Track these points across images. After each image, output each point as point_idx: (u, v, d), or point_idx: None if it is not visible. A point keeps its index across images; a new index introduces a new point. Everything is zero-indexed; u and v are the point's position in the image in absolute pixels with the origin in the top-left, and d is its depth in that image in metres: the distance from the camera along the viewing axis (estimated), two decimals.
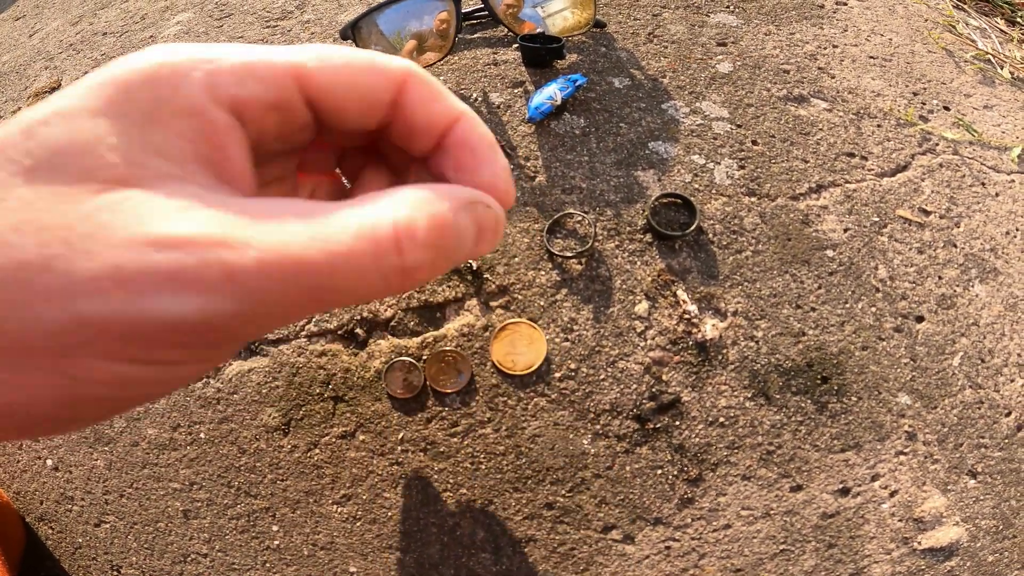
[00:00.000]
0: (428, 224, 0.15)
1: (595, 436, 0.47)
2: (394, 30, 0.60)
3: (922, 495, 0.48)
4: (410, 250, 0.15)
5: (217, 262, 0.13)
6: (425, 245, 0.15)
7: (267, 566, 0.51)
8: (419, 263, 0.15)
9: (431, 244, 0.15)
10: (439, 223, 0.15)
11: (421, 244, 0.15)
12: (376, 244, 0.14)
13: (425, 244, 0.15)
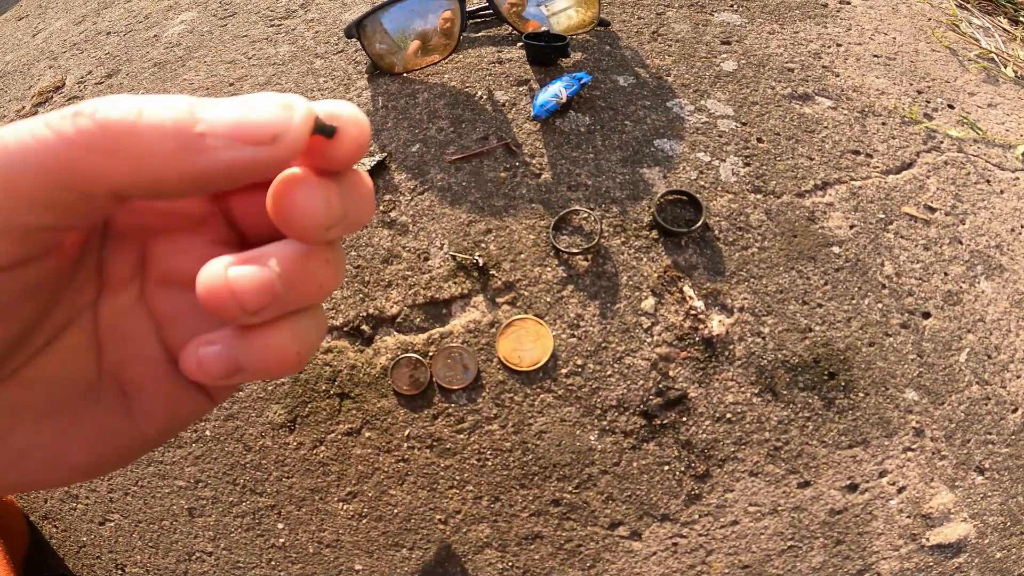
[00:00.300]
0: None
1: (602, 432, 0.48)
2: (398, 29, 0.60)
3: (930, 491, 0.48)
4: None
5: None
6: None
7: (272, 564, 0.52)
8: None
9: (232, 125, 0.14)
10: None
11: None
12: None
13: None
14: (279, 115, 0.14)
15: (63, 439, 0.17)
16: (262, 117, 0.14)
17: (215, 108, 0.14)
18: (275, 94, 0.15)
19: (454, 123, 0.57)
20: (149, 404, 0.18)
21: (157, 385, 0.18)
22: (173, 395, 0.18)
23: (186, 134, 0.13)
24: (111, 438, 0.18)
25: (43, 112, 0.67)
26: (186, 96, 0.14)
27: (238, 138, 0.14)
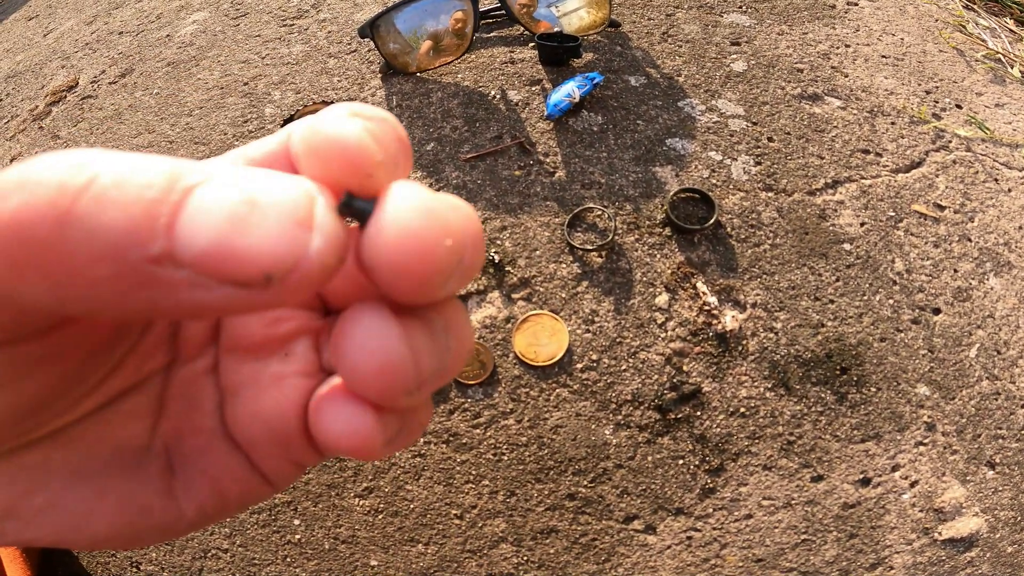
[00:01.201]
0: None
1: (617, 426, 0.49)
2: (411, 29, 0.63)
3: (942, 486, 0.49)
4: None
5: None
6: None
7: (288, 561, 0.53)
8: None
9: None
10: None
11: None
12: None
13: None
14: (283, 242, 0.10)
15: (90, 505, 0.15)
16: (253, 244, 0.10)
17: (193, 211, 0.10)
18: (295, 187, 0.11)
19: (468, 122, 0.59)
20: (195, 481, 0.16)
21: (208, 460, 0.17)
22: (223, 473, 0.17)
23: (131, 258, 0.10)
24: (143, 513, 0.16)
25: (57, 111, 0.69)
26: (166, 167, 0.10)
27: (210, 274, 0.10)
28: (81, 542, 0.15)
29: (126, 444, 0.16)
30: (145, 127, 0.64)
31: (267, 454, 0.17)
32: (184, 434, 0.17)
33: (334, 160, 0.12)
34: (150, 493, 0.16)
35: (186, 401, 0.17)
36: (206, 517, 0.17)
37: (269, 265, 0.10)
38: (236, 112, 0.63)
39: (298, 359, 0.17)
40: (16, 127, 0.69)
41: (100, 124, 0.66)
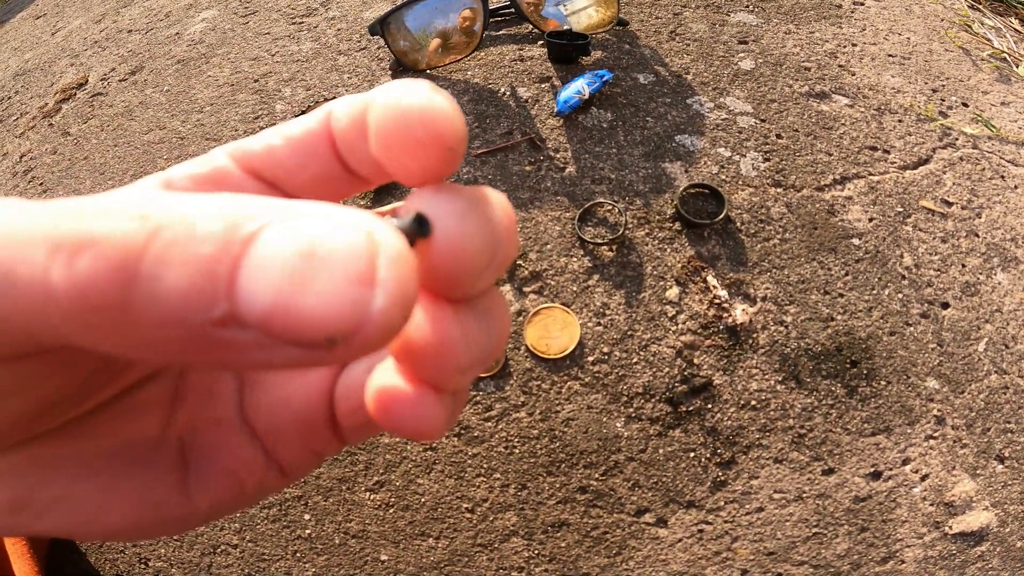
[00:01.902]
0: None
1: (628, 419, 0.50)
2: (421, 27, 0.64)
3: (952, 479, 0.50)
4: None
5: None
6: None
7: (297, 556, 0.54)
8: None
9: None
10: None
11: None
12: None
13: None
14: (344, 305, 0.09)
15: (101, 498, 0.15)
16: (314, 307, 0.09)
17: (254, 269, 0.09)
18: (355, 233, 0.10)
19: (479, 118, 0.60)
20: (210, 473, 0.16)
21: (225, 452, 0.16)
22: (240, 465, 0.16)
23: (195, 323, 0.09)
24: (155, 508, 0.16)
25: (67, 108, 0.70)
26: (226, 211, 0.10)
27: (275, 336, 0.10)
28: (94, 534, 0.15)
29: (138, 437, 0.16)
30: (156, 124, 0.66)
31: (288, 444, 0.17)
32: (199, 426, 0.16)
33: (422, 135, 0.12)
34: (163, 488, 0.16)
35: (203, 391, 0.16)
36: (219, 510, 0.16)
37: (331, 329, 0.09)
38: (247, 109, 0.64)
39: None
40: (26, 124, 0.71)
41: (111, 121, 0.67)
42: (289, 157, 0.15)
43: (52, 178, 0.66)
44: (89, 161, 0.66)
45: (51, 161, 0.68)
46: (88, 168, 0.65)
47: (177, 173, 0.15)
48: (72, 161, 0.66)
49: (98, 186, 0.64)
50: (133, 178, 0.63)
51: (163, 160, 0.64)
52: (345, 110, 0.14)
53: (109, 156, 0.65)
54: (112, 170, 0.65)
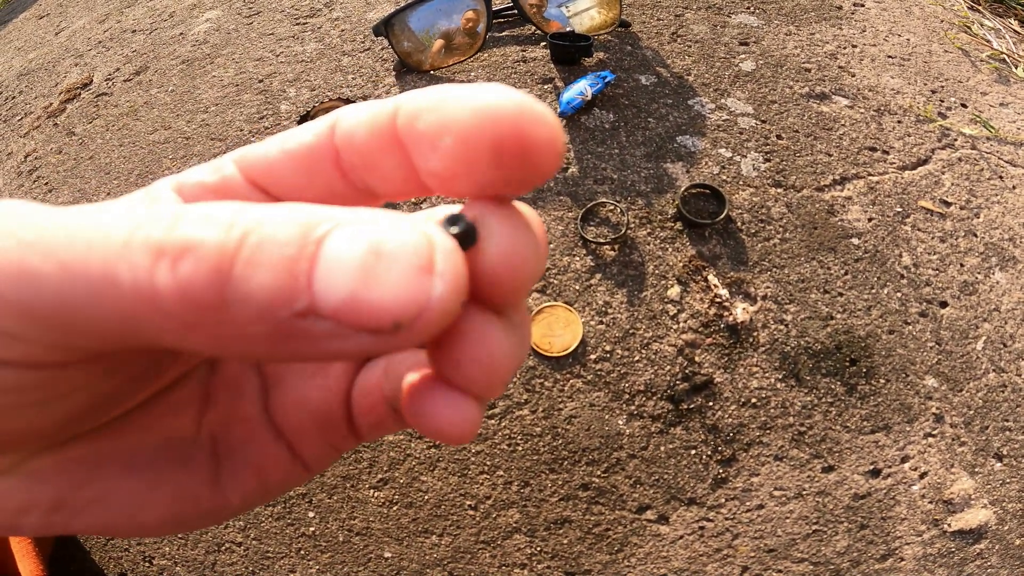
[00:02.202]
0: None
1: (630, 417, 0.51)
2: (424, 28, 0.65)
3: (951, 477, 0.51)
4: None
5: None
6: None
7: (301, 553, 0.54)
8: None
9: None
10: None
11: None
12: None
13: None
14: (409, 291, 0.11)
15: (141, 496, 0.16)
16: (384, 296, 0.11)
17: (328, 266, 0.11)
18: (414, 233, 0.11)
19: None
20: (240, 469, 0.17)
21: (252, 448, 0.17)
22: (266, 460, 0.17)
23: (281, 316, 0.11)
24: (191, 502, 0.16)
25: (72, 108, 0.71)
26: (300, 218, 0.11)
27: (348, 322, 0.11)
28: (129, 531, 0.16)
29: (174, 434, 0.17)
30: (161, 124, 0.66)
31: (308, 439, 0.17)
32: (229, 423, 0.17)
33: (502, 139, 0.12)
34: (197, 482, 0.16)
35: (231, 390, 0.17)
36: (248, 503, 0.17)
37: (398, 314, 0.11)
38: (252, 109, 0.65)
39: None
40: (30, 124, 0.71)
41: (116, 121, 0.68)
42: (289, 171, 0.15)
43: (57, 178, 0.67)
44: (94, 161, 0.66)
45: (56, 161, 0.68)
46: (93, 168, 0.66)
47: (189, 179, 0.15)
48: (77, 161, 0.67)
49: (103, 186, 0.65)
50: (138, 178, 0.64)
51: (168, 160, 0.65)
52: (360, 120, 0.14)
53: (114, 156, 0.66)
54: (117, 170, 0.65)
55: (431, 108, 0.12)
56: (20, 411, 0.13)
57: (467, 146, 0.12)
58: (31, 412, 0.13)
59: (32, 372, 0.12)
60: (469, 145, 0.12)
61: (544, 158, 0.12)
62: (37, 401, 0.13)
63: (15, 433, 0.13)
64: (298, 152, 0.14)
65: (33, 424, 0.13)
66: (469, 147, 0.12)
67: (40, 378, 0.12)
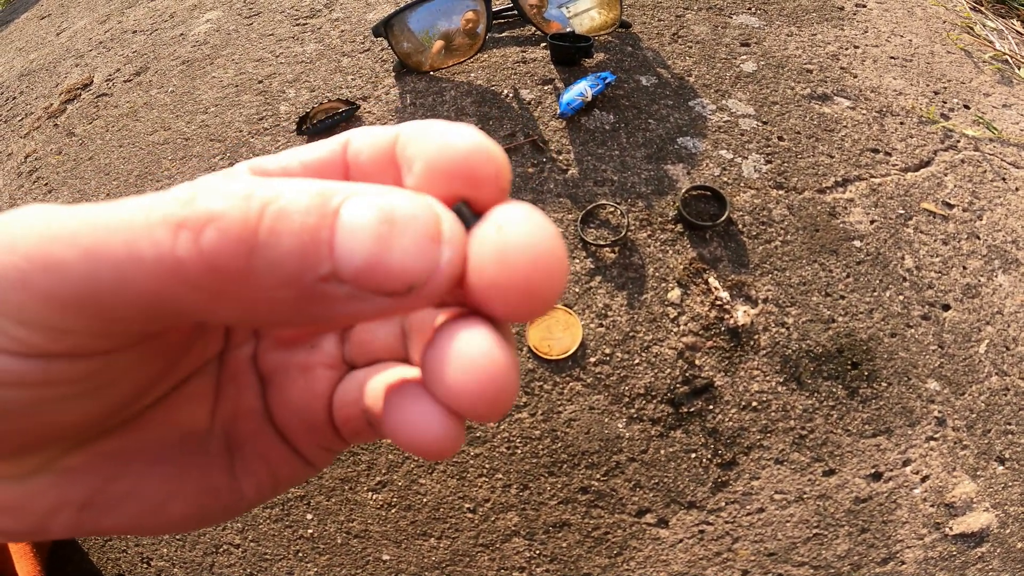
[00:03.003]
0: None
1: (630, 420, 0.51)
2: (424, 28, 0.65)
3: (952, 480, 0.51)
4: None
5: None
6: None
7: (300, 556, 0.54)
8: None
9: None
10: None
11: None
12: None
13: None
14: (421, 257, 0.12)
15: (167, 489, 0.16)
16: (400, 260, 0.12)
17: (348, 233, 0.11)
18: (423, 207, 0.12)
19: (482, 120, 0.61)
20: (251, 463, 0.18)
21: (260, 441, 0.18)
22: (272, 454, 0.18)
23: (306, 281, 0.11)
24: (213, 494, 0.17)
25: (72, 108, 0.71)
26: (314, 189, 0.12)
27: (366, 286, 0.12)
28: (155, 527, 0.16)
29: (191, 427, 0.17)
30: (161, 124, 0.66)
31: (302, 439, 0.18)
32: (237, 416, 0.18)
33: (455, 168, 0.13)
34: (216, 474, 0.17)
35: (236, 385, 0.18)
36: (262, 495, 0.18)
37: (412, 277, 0.12)
38: (251, 110, 0.65)
39: (323, 352, 0.18)
40: (31, 124, 0.71)
41: (116, 122, 0.68)
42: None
43: (57, 179, 0.67)
44: (94, 162, 0.66)
45: (56, 162, 0.68)
46: (93, 169, 0.66)
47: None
48: (77, 161, 0.67)
49: (103, 187, 0.65)
50: (138, 179, 0.64)
51: (168, 161, 0.65)
52: (367, 141, 0.15)
53: (114, 157, 0.66)
54: (117, 171, 0.65)
55: (415, 138, 0.14)
56: (66, 403, 0.13)
57: (430, 170, 0.14)
58: (75, 404, 0.13)
59: (79, 362, 0.12)
60: (431, 169, 0.14)
61: (488, 185, 0.13)
62: (82, 392, 0.13)
63: (59, 427, 0.14)
64: (313, 164, 0.16)
65: (76, 416, 0.14)
66: (431, 170, 0.14)
67: (86, 368, 0.13)
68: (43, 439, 0.14)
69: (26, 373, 0.12)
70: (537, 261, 0.13)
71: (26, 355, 0.12)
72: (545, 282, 0.13)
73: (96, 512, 0.16)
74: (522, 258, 0.12)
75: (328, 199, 0.12)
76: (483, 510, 0.52)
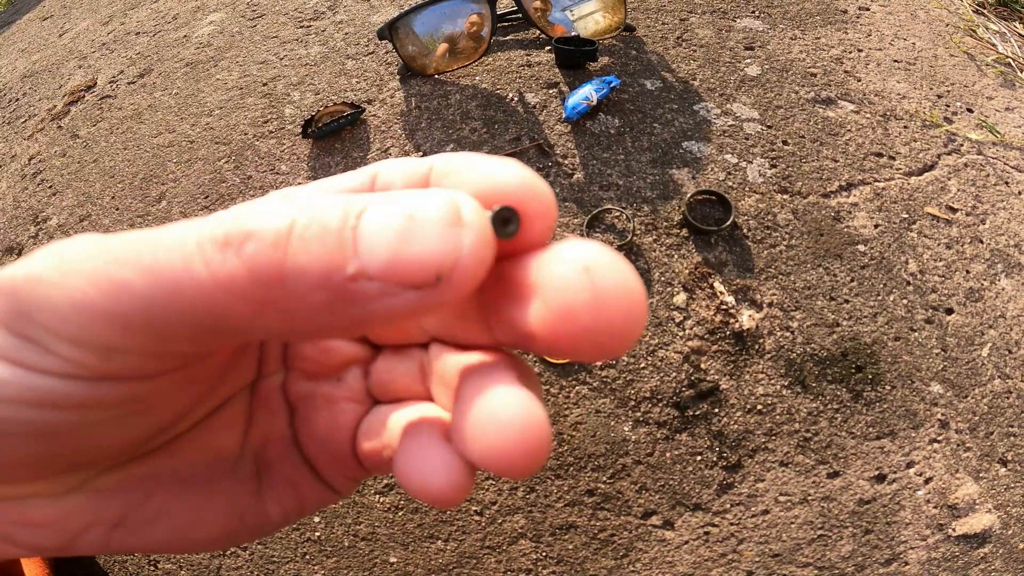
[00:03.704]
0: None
1: (636, 423, 0.51)
2: (428, 31, 0.65)
3: (955, 482, 0.52)
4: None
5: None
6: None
7: (307, 558, 0.55)
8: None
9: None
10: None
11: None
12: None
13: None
14: (443, 242, 0.12)
15: (197, 510, 0.17)
16: (422, 250, 0.12)
17: (369, 233, 0.12)
18: (441, 198, 0.12)
19: (487, 124, 0.61)
20: (279, 487, 0.18)
21: (287, 468, 0.18)
22: (299, 479, 0.18)
23: (336, 281, 0.12)
24: (240, 516, 0.18)
25: (76, 110, 0.71)
26: (337, 200, 0.13)
27: (395, 280, 0.12)
28: (181, 547, 0.17)
29: (224, 452, 0.18)
30: (165, 127, 0.67)
31: (327, 467, 0.19)
32: (267, 441, 0.18)
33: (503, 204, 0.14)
34: (244, 497, 0.18)
35: (267, 411, 0.19)
36: (287, 518, 0.18)
37: (437, 265, 0.12)
38: (256, 112, 0.65)
39: (348, 385, 0.19)
40: (34, 126, 0.72)
41: (120, 124, 0.68)
42: None
43: (61, 181, 0.67)
44: (98, 164, 0.67)
45: (60, 164, 0.69)
46: (97, 171, 0.66)
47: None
48: (81, 164, 0.67)
49: (107, 189, 0.65)
50: (143, 181, 0.64)
51: (172, 164, 0.65)
52: (398, 173, 0.15)
53: (118, 159, 0.66)
54: (121, 173, 0.66)
55: (455, 171, 0.14)
56: (110, 427, 0.14)
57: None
58: (118, 427, 0.14)
59: (126, 385, 0.13)
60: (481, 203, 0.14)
61: (538, 225, 0.14)
62: (126, 416, 0.14)
63: (101, 449, 0.14)
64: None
65: (118, 440, 0.14)
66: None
67: (131, 391, 0.13)
68: (85, 461, 0.15)
69: (75, 395, 0.13)
70: (632, 307, 0.12)
71: (76, 377, 0.13)
72: (637, 326, 0.13)
73: (125, 531, 0.16)
74: (618, 304, 0.12)
75: (352, 207, 0.13)
76: (490, 512, 0.52)
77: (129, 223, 0.62)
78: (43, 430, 0.13)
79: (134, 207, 0.63)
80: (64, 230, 0.63)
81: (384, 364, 0.19)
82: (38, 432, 0.13)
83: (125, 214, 0.62)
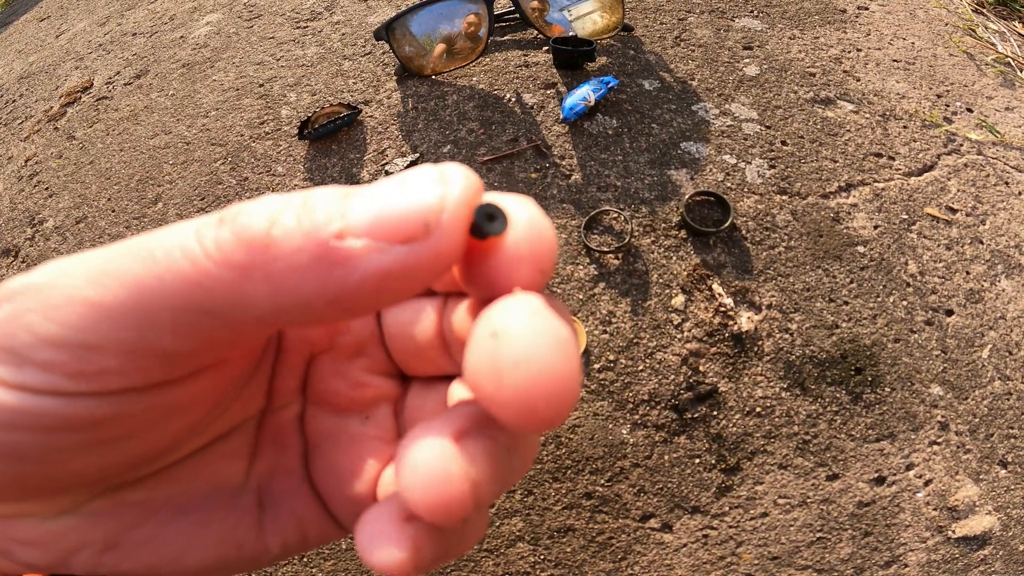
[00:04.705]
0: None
1: (634, 426, 0.51)
2: (426, 32, 0.65)
3: (955, 484, 0.51)
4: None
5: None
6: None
7: (304, 561, 0.54)
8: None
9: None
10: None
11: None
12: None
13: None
14: (428, 195, 0.12)
15: (188, 539, 0.17)
16: (409, 200, 0.12)
17: (360, 199, 0.12)
18: (430, 167, 0.13)
19: (484, 124, 0.61)
20: (283, 520, 0.18)
21: (294, 501, 0.18)
22: (306, 515, 0.18)
23: (320, 237, 0.12)
24: (238, 546, 0.17)
25: (72, 112, 0.71)
26: (340, 188, 0.13)
27: (382, 234, 0.12)
28: (171, 574, 0.17)
29: (224, 482, 0.17)
30: (161, 128, 0.66)
31: (342, 506, 0.18)
32: (274, 475, 0.18)
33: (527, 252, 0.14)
34: (243, 528, 0.17)
35: (277, 445, 0.18)
36: (287, 551, 0.18)
37: (424, 212, 0.12)
38: (252, 114, 0.65)
39: (377, 424, 0.18)
40: (31, 128, 0.71)
41: (116, 125, 0.68)
42: None
43: (58, 182, 0.67)
44: (95, 166, 0.66)
45: (57, 165, 0.68)
46: (94, 173, 0.66)
47: None
48: (78, 165, 0.67)
49: (104, 191, 0.64)
50: (139, 183, 0.64)
51: (168, 165, 0.64)
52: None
53: (115, 161, 0.66)
54: (118, 175, 0.65)
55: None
56: (85, 451, 0.14)
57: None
58: (94, 454, 0.14)
59: (99, 403, 0.13)
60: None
61: (525, 268, 0.14)
62: (101, 440, 0.14)
63: (75, 476, 0.14)
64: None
65: (98, 465, 0.14)
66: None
67: (104, 411, 0.13)
68: (56, 487, 0.14)
69: (44, 415, 0.12)
70: (543, 383, 0.11)
71: (47, 392, 0.12)
72: (548, 402, 0.11)
73: (116, 556, 0.16)
74: (524, 379, 0.11)
75: (345, 192, 0.13)
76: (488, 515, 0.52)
77: (125, 225, 0.61)
78: (9, 452, 0.13)
79: (130, 209, 0.62)
80: (60, 232, 0.63)
81: (415, 400, 0.18)
82: (4, 453, 0.13)
83: (121, 216, 0.62)
